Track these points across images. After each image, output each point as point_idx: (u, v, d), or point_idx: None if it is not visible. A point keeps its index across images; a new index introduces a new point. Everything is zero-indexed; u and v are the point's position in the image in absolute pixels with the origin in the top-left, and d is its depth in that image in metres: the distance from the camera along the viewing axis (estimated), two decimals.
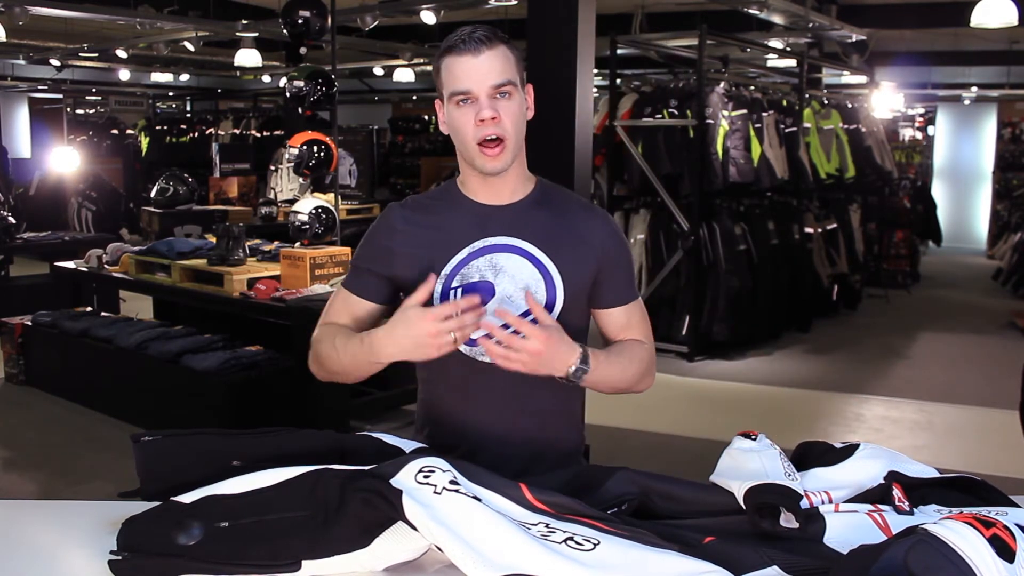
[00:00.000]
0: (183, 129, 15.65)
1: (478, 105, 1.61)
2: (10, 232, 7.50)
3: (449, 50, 1.64)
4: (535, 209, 1.73)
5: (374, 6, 7.96)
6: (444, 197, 1.77)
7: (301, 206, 5.36)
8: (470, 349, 1.68)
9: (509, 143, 1.64)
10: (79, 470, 4.36)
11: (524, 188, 1.74)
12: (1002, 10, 6.19)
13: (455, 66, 1.63)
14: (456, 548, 1.16)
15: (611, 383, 1.69)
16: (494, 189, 1.72)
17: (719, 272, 6.64)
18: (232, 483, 1.34)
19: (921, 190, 11.34)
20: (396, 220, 1.76)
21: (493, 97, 1.62)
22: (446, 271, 1.68)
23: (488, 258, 1.68)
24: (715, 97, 6.72)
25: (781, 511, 1.31)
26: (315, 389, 4.48)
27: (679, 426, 4.85)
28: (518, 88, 1.65)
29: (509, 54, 1.65)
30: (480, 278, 1.67)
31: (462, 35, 1.64)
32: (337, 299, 1.82)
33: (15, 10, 7.31)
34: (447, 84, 1.64)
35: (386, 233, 1.75)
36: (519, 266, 1.68)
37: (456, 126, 1.65)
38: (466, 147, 1.65)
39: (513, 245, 1.69)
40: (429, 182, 13.23)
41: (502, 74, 1.62)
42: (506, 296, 1.67)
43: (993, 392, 5.71)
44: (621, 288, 1.77)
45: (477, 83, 1.61)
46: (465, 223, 1.71)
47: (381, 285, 1.75)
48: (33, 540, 1.41)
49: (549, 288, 1.68)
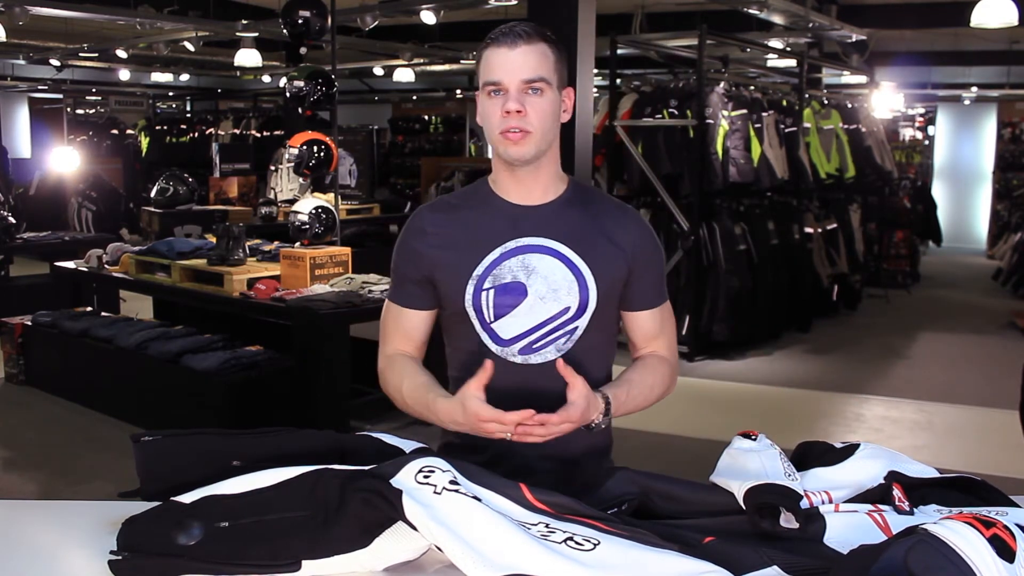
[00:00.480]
0: (183, 129, 15.66)
1: (507, 97, 1.62)
2: (10, 232, 7.50)
3: (489, 42, 1.65)
4: (567, 209, 1.72)
5: (374, 6, 7.96)
6: (474, 196, 1.76)
7: (301, 206, 5.36)
8: (502, 350, 1.68)
9: (534, 136, 1.63)
10: (79, 470, 4.36)
11: (556, 188, 1.74)
12: (1002, 10, 6.19)
13: (491, 57, 1.64)
14: (456, 548, 1.16)
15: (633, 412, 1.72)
16: (526, 188, 1.71)
17: (719, 272, 6.64)
18: (232, 483, 1.34)
19: (921, 190, 11.33)
20: (425, 223, 1.75)
21: (523, 91, 1.62)
22: (478, 272, 1.67)
23: (520, 259, 1.67)
24: (715, 97, 6.72)
25: (781, 511, 1.31)
26: (315, 389, 4.50)
27: (679, 426, 4.85)
28: (552, 87, 1.65)
29: (548, 52, 1.65)
30: (512, 279, 1.67)
31: (504, 28, 1.65)
32: (388, 316, 1.80)
33: (15, 10, 7.30)
34: (482, 74, 1.65)
35: (417, 237, 1.74)
36: (552, 267, 1.67)
37: (485, 115, 1.66)
38: (491, 137, 1.66)
39: (545, 246, 1.68)
40: (429, 182, 13.23)
41: (535, 70, 1.62)
42: (538, 298, 1.66)
43: (993, 392, 5.71)
44: (651, 290, 1.77)
45: (509, 75, 1.61)
46: (497, 223, 1.70)
47: (424, 291, 1.75)
48: (33, 540, 1.41)
49: (582, 289, 1.67)
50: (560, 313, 1.66)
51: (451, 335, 1.77)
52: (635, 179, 7.00)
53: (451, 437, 1.79)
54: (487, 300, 1.67)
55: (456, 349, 1.77)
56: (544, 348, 1.68)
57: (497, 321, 1.68)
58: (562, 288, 1.67)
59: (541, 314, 1.67)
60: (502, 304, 1.67)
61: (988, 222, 13.63)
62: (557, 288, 1.67)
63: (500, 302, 1.67)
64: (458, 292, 1.69)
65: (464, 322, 1.70)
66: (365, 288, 4.75)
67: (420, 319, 1.76)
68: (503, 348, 1.68)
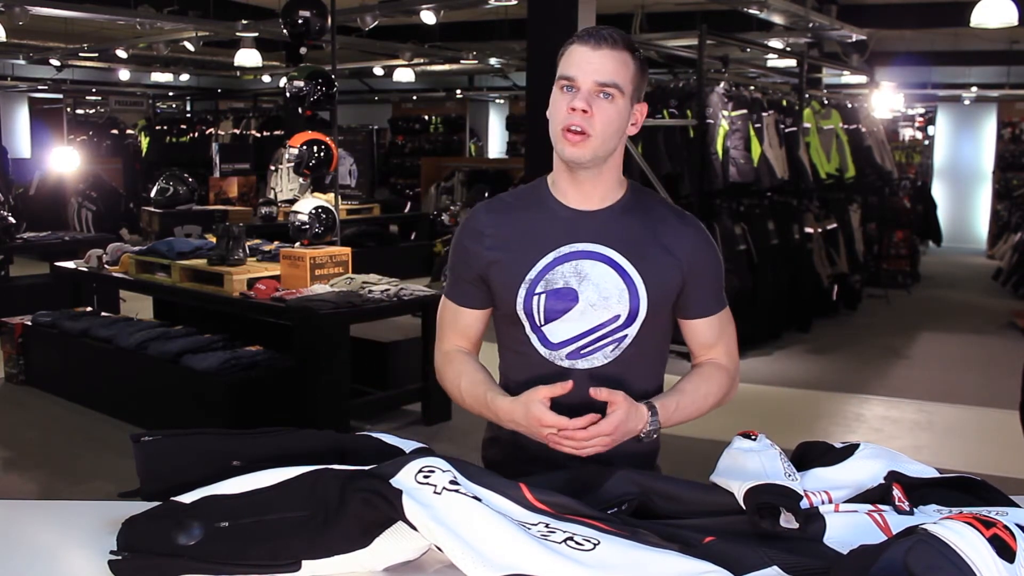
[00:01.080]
0: (183, 129, 15.66)
1: (577, 94, 1.61)
2: (10, 232, 7.50)
3: (575, 39, 1.66)
4: (624, 216, 1.71)
5: (374, 6, 7.96)
6: (532, 196, 1.76)
7: (301, 206, 5.36)
8: (551, 353, 1.68)
9: (594, 140, 1.62)
10: (79, 470, 4.36)
11: (615, 194, 1.73)
12: (1002, 10, 6.19)
13: (573, 53, 1.64)
14: (456, 548, 1.16)
15: (687, 420, 1.72)
16: (584, 192, 1.70)
17: None
18: (232, 483, 1.34)
19: (921, 190, 11.33)
20: (481, 223, 1.74)
21: (594, 93, 1.61)
22: (531, 275, 1.67)
23: (573, 264, 1.67)
24: (715, 97, 6.72)
25: (781, 511, 1.31)
26: (315, 389, 4.50)
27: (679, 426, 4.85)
28: (625, 97, 1.64)
29: (630, 62, 1.64)
30: (564, 284, 1.67)
31: (593, 29, 1.66)
32: (444, 312, 1.81)
33: (15, 10, 7.31)
34: (560, 68, 1.65)
35: (473, 237, 1.74)
36: (603, 274, 1.67)
37: (552, 108, 1.66)
38: (554, 131, 1.65)
39: (599, 253, 1.67)
40: (429, 182, 13.24)
41: (612, 74, 1.62)
42: (588, 304, 1.66)
43: (993, 392, 5.71)
44: (707, 299, 1.76)
45: (584, 73, 1.61)
46: (553, 227, 1.70)
47: (479, 290, 1.75)
48: (33, 540, 1.41)
49: (632, 298, 1.67)
50: (610, 321, 1.66)
51: (502, 335, 1.78)
52: (635, 179, 6.97)
53: (497, 431, 1.78)
54: (538, 304, 1.67)
55: (506, 349, 1.78)
56: (592, 354, 1.68)
57: (547, 325, 1.68)
58: (613, 296, 1.66)
59: (591, 320, 1.67)
60: (553, 309, 1.67)
61: (988, 222, 13.62)
62: (608, 296, 1.66)
63: (551, 307, 1.67)
64: (510, 294, 1.69)
65: (515, 324, 1.71)
66: (365, 288, 4.75)
67: (475, 317, 1.78)
68: (552, 352, 1.68)
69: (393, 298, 4.69)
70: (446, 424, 4.83)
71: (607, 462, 1.63)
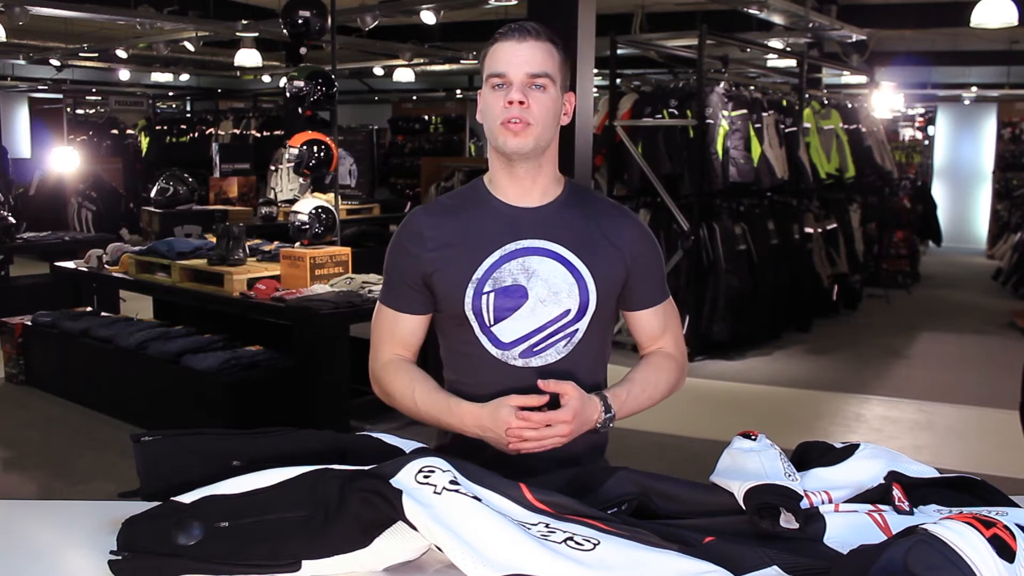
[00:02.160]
0: (183, 129, 15.66)
1: (510, 89, 1.62)
2: (10, 232, 7.50)
3: (498, 37, 1.67)
4: (566, 211, 1.72)
5: (374, 6, 7.96)
6: (471, 197, 1.75)
7: (301, 206, 5.36)
8: (503, 353, 1.68)
9: (535, 129, 1.63)
10: (79, 470, 4.36)
11: (554, 190, 1.74)
12: (1002, 10, 6.19)
13: (498, 51, 1.65)
14: (456, 548, 1.16)
15: (641, 410, 1.72)
16: (524, 188, 1.71)
17: (719, 272, 6.64)
18: (232, 483, 1.34)
19: (921, 190, 11.33)
20: (422, 225, 1.73)
21: (527, 85, 1.62)
22: (477, 275, 1.67)
23: (520, 261, 1.67)
24: (715, 97, 6.72)
25: (781, 511, 1.31)
26: (315, 389, 4.50)
27: (679, 426, 4.85)
28: (555, 86, 1.65)
29: (554, 52, 1.66)
30: (513, 282, 1.66)
31: (513, 25, 1.66)
32: (382, 320, 1.79)
33: (15, 10, 7.30)
34: (487, 67, 1.66)
35: (413, 240, 1.72)
36: (552, 269, 1.67)
37: (485, 106, 1.66)
38: (491, 129, 1.66)
39: (545, 248, 1.68)
40: (429, 182, 13.23)
41: (541, 65, 1.63)
42: (538, 300, 1.66)
43: (993, 392, 5.71)
44: (652, 290, 1.77)
45: (514, 68, 1.62)
46: (495, 225, 1.69)
47: (419, 295, 1.73)
48: (33, 540, 1.41)
49: (582, 291, 1.67)
50: (561, 316, 1.66)
51: (448, 338, 1.76)
52: (635, 179, 7.00)
53: (446, 440, 1.78)
54: (487, 303, 1.66)
55: (453, 352, 1.75)
56: (545, 351, 1.68)
57: (497, 324, 1.67)
58: (562, 291, 1.67)
59: (542, 317, 1.67)
60: (502, 307, 1.66)
61: (988, 222, 13.62)
62: (558, 291, 1.66)
63: (500, 305, 1.66)
64: (457, 295, 1.67)
65: (463, 325, 1.69)
66: (365, 288, 4.75)
67: (416, 324, 1.75)
68: (503, 352, 1.68)
69: None
70: None
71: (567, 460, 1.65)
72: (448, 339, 1.76)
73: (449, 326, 1.74)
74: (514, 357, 1.67)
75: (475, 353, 1.69)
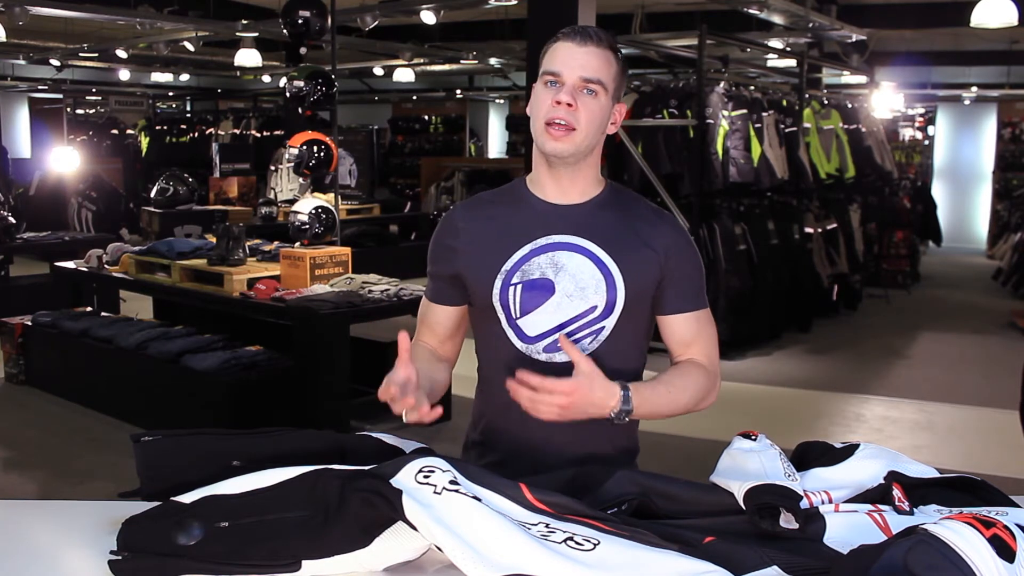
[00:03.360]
0: (183, 129, 15.66)
1: (562, 88, 1.62)
2: (10, 232, 7.50)
3: (560, 36, 1.67)
4: (602, 210, 1.72)
5: (374, 6, 7.96)
6: (510, 194, 1.77)
7: (301, 206, 5.36)
8: (527, 347, 1.67)
9: (577, 135, 1.63)
10: (79, 470, 4.36)
11: (594, 189, 1.73)
12: (1002, 10, 6.19)
13: (558, 50, 1.65)
14: (456, 548, 1.16)
15: (662, 414, 1.66)
16: (562, 187, 1.70)
17: (719, 272, 6.64)
18: (232, 483, 1.34)
19: (921, 190, 11.34)
20: (458, 219, 1.75)
21: (579, 88, 1.62)
22: (506, 267, 1.67)
23: (550, 256, 1.67)
24: (715, 97, 6.72)
25: (781, 511, 1.31)
26: (315, 389, 4.50)
27: (679, 426, 4.84)
28: (607, 93, 1.65)
29: (612, 62, 1.66)
30: (540, 275, 1.66)
31: (579, 27, 1.66)
32: (420, 310, 1.84)
33: (15, 10, 7.31)
34: (544, 64, 1.66)
35: (449, 233, 1.75)
36: (580, 265, 1.66)
37: (535, 103, 1.66)
38: (536, 126, 1.65)
39: (576, 244, 1.67)
40: (429, 182, 13.25)
41: (596, 71, 1.63)
42: (565, 295, 1.65)
43: (993, 392, 5.71)
44: (685, 295, 1.72)
45: (569, 69, 1.62)
46: (529, 220, 1.70)
47: (452, 287, 1.75)
48: (33, 540, 1.41)
49: (610, 289, 1.66)
50: (587, 311, 1.65)
51: (479, 331, 1.77)
52: (635, 179, 6.99)
53: (475, 435, 1.79)
54: (514, 296, 1.66)
55: (483, 345, 1.77)
56: None
57: (523, 317, 1.67)
58: (590, 287, 1.65)
59: (568, 312, 1.66)
60: (529, 300, 1.66)
61: (988, 222, 13.62)
62: (585, 286, 1.65)
63: (527, 298, 1.66)
64: (486, 287, 1.68)
65: (491, 318, 1.70)
66: (365, 288, 4.75)
67: (446, 315, 1.78)
68: (528, 345, 1.67)
69: (393, 298, 4.69)
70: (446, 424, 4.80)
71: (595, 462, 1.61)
72: (479, 332, 1.77)
73: (479, 319, 1.75)
74: (538, 351, 1.67)
75: (501, 346, 1.69)
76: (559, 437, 1.67)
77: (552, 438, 1.67)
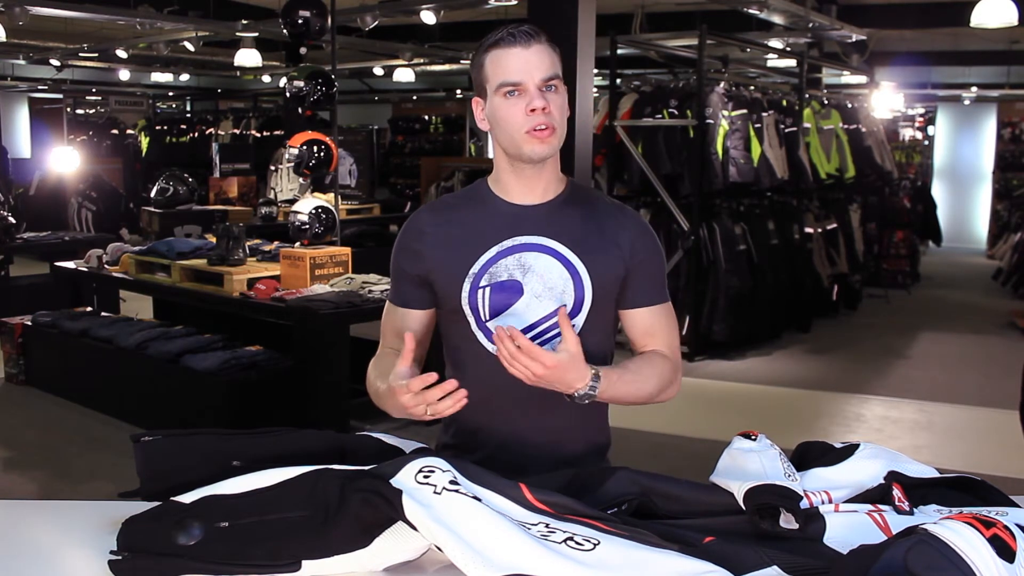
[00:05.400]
0: (183, 129, 15.65)
1: (528, 96, 1.61)
2: (10, 232, 7.49)
3: (496, 43, 1.65)
4: (566, 208, 1.72)
5: (374, 6, 7.96)
6: (472, 196, 1.77)
7: (301, 206, 5.36)
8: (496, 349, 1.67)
9: (557, 133, 1.64)
10: (79, 470, 4.36)
11: (556, 187, 1.74)
12: (1002, 10, 6.19)
13: (504, 58, 1.63)
14: (456, 548, 1.16)
15: (625, 400, 1.67)
16: (528, 187, 1.71)
17: (719, 272, 6.64)
18: (232, 483, 1.34)
19: (921, 190, 11.33)
20: (423, 223, 1.75)
21: (542, 89, 1.62)
22: (474, 270, 1.67)
23: (517, 257, 1.67)
24: (715, 97, 6.72)
25: (781, 511, 1.31)
26: (315, 389, 4.50)
27: (679, 426, 4.85)
28: (563, 84, 1.67)
29: (555, 51, 1.67)
30: (508, 277, 1.67)
31: (509, 30, 1.65)
32: (385, 315, 1.82)
33: (15, 10, 7.30)
34: (494, 76, 1.64)
35: (414, 237, 1.75)
36: (548, 266, 1.67)
37: (501, 117, 1.64)
38: (512, 138, 1.64)
39: (543, 244, 1.68)
40: (429, 182, 13.22)
41: (551, 67, 1.64)
42: (534, 296, 1.66)
43: (993, 392, 5.71)
44: (648, 289, 1.74)
45: (528, 75, 1.62)
46: (495, 222, 1.70)
47: (418, 290, 1.75)
48: (33, 540, 1.41)
49: (577, 288, 1.67)
50: (556, 312, 1.65)
51: (447, 334, 1.77)
52: (635, 179, 7.00)
53: (446, 438, 1.79)
54: (483, 298, 1.67)
55: (452, 348, 1.76)
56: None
57: (492, 320, 1.67)
58: (558, 287, 1.67)
59: (537, 312, 1.67)
60: (498, 302, 1.67)
61: (988, 222, 13.63)
62: (553, 287, 1.66)
63: (496, 300, 1.67)
64: (454, 290, 1.68)
65: (460, 321, 1.70)
66: (365, 288, 4.75)
67: (413, 318, 1.77)
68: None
69: None
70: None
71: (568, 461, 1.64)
72: (447, 335, 1.77)
73: (447, 322, 1.75)
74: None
75: (471, 349, 1.70)
76: (534, 437, 1.70)
77: (526, 437, 1.70)
